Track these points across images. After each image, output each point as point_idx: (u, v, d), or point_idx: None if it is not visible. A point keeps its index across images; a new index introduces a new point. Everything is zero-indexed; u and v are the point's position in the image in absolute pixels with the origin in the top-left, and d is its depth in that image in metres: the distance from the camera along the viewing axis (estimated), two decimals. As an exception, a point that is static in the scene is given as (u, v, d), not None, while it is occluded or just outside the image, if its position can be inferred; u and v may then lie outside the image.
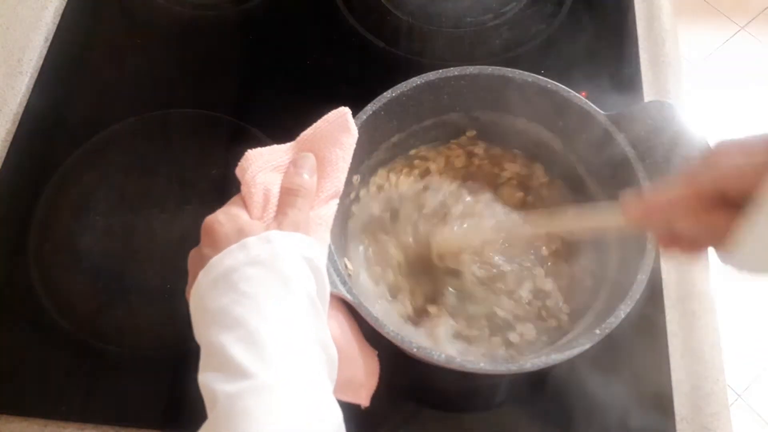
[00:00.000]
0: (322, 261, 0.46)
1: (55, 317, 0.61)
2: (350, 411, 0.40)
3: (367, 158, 0.60)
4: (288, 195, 0.47)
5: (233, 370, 0.37)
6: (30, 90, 0.74)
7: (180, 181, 0.68)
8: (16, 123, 0.72)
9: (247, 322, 0.39)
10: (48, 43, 0.77)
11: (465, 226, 0.58)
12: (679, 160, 0.52)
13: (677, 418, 0.56)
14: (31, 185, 0.68)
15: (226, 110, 0.72)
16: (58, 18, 0.79)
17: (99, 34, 0.79)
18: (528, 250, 0.59)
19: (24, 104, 0.73)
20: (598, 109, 0.56)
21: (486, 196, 0.61)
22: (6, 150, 0.71)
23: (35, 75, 0.75)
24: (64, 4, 0.80)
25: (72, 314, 0.61)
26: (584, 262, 0.58)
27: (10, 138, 0.71)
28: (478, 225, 0.58)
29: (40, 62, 0.76)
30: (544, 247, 0.59)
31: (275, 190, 0.47)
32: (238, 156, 0.48)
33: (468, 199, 0.61)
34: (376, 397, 0.51)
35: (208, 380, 0.38)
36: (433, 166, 0.63)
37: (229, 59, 0.77)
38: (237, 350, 0.38)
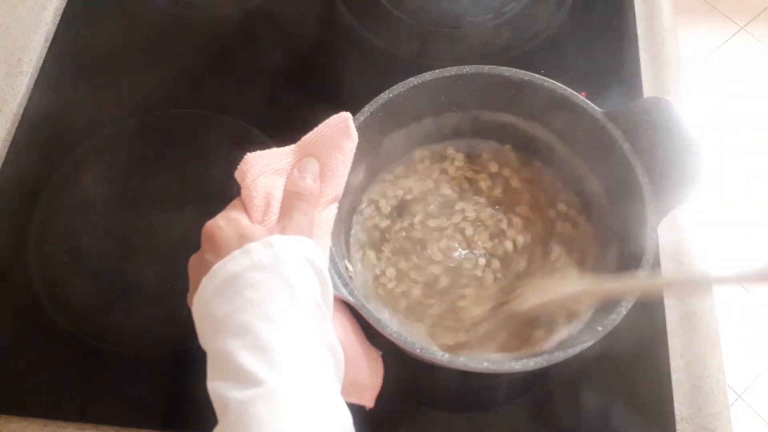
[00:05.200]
0: (324, 263, 0.46)
1: (55, 317, 0.61)
2: (354, 412, 0.40)
3: (365, 160, 0.60)
4: (292, 199, 0.47)
5: (243, 378, 0.37)
6: (30, 90, 0.74)
7: (180, 181, 0.68)
8: (16, 123, 0.72)
9: (254, 328, 0.39)
10: (48, 43, 0.77)
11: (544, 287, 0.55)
12: (676, 156, 0.52)
13: (677, 418, 0.56)
14: (31, 185, 0.68)
15: (226, 110, 0.71)
16: (58, 18, 0.79)
17: (99, 34, 0.79)
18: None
19: (24, 104, 0.73)
20: (595, 106, 0.56)
21: (487, 198, 0.61)
22: (6, 150, 0.71)
23: (35, 75, 0.75)
24: (64, 4, 0.80)
25: (72, 314, 0.61)
26: (586, 259, 0.58)
27: (10, 138, 0.71)
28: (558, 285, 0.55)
29: (40, 62, 0.76)
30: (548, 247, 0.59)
31: (277, 194, 0.47)
32: (239, 156, 0.48)
33: (468, 198, 0.61)
34: (378, 398, 0.51)
35: (218, 388, 0.38)
36: (431, 167, 0.63)
37: (229, 59, 0.77)
38: (245, 357, 0.38)
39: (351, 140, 0.50)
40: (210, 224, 0.45)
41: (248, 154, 0.48)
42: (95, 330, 0.60)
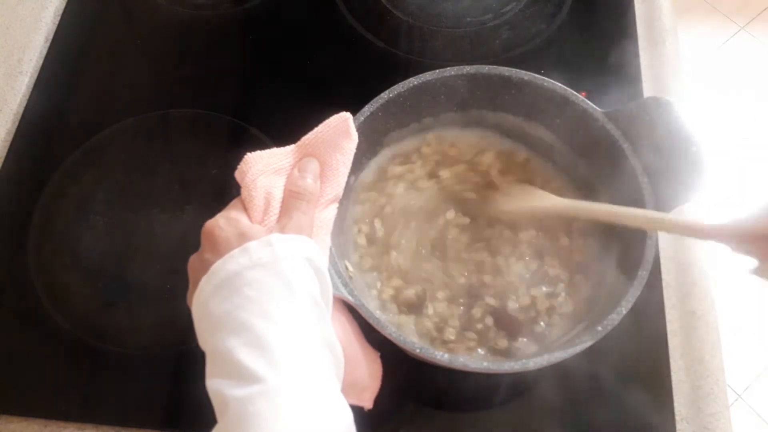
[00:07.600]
0: (323, 262, 0.46)
1: (55, 317, 0.61)
2: (353, 412, 0.40)
3: (365, 159, 0.60)
4: (292, 198, 0.47)
5: (242, 375, 0.37)
6: (30, 90, 0.74)
7: (180, 181, 0.68)
8: (16, 123, 0.72)
9: (253, 326, 0.39)
10: (48, 43, 0.77)
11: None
12: (676, 156, 0.52)
13: (677, 418, 0.56)
14: (31, 185, 0.68)
15: (226, 110, 0.72)
16: (58, 18, 0.79)
17: (99, 34, 0.79)
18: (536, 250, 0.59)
19: (24, 104, 0.73)
20: (595, 106, 0.56)
21: (486, 197, 0.61)
22: (6, 150, 0.71)
23: (35, 75, 0.75)
24: (64, 4, 0.80)
25: (72, 314, 0.61)
26: (586, 260, 0.58)
27: (10, 138, 0.71)
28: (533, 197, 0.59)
29: (40, 62, 0.76)
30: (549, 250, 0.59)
31: (276, 194, 0.47)
32: (238, 156, 0.48)
33: (467, 199, 0.61)
34: (377, 397, 0.51)
35: (217, 386, 0.38)
36: (431, 167, 0.63)
37: (229, 59, 0.77)
38: (245, 355, 0.38)
39: (351, 140, 0.50)
40: (210, 224, 0.45)
41: (248, 154, 0.48)
42: (95, 330, 0.60)
